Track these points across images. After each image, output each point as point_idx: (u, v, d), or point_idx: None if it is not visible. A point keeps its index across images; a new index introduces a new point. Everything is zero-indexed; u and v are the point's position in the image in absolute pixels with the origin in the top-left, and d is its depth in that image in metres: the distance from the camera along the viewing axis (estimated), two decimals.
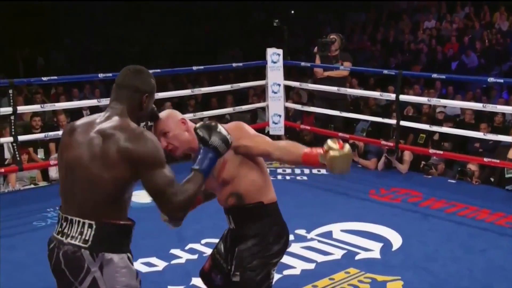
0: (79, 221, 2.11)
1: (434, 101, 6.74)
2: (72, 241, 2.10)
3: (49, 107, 6.60)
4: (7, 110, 5.67)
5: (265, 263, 2.64)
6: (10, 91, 5.58)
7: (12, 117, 5.58)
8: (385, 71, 6.85)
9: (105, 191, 2.12)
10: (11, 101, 5.59)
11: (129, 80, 2.28)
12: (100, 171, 2.10)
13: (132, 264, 2.21)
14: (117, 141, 2.13)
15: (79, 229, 2.11)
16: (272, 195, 2.82)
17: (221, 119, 8.75)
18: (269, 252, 2.67)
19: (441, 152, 6.22)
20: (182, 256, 4.21)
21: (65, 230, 2.13)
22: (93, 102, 7.29)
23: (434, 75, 6.74)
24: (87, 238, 2.10)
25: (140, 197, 5.72)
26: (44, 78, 6.07)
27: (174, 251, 4.28)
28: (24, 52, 14.38)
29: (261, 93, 9.73)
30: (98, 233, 2.10)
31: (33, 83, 8.84)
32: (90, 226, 2.10)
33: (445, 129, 6.48)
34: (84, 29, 15.61)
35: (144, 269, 3.99)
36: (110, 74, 6.55)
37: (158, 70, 6.74)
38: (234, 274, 2.63)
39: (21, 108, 6.20)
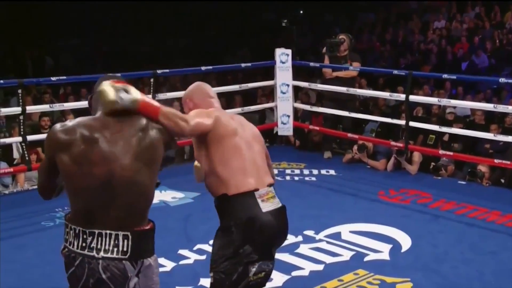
0: (110, 234, 2.10)
1: (444, 101, 6.70)
2: (109, 255, 2.10)
3: (58, 107, 6.61)
4: (16, 110, 5.68)
5: (236, 263, 2.47)
6: (19, 91, 5.59)
7: (21, 117, 5.59)
8: (395, 71, 6.81)
9: (149, 199, 2.21)
10: (20, 101, 5.60)
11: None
12: (147, 179, 2.17)
13: None
14: (156, 139, 2.21)
15: (112, 242, 2.10)
16: (242, 185, 2.53)
17: None
18: (238, 251, 2.47)
19: (451, 153, 6.17)
20: (191, 257, 4.20)
21: (93, 245, 2.09)
22: None
23: (445, 76, 6.69)
24: (125, 249, 2.11)
25: None
26: (53, 78, 6.08)
27: (182, 252, 4.27)
28: (33, 52, 14.43)
29: (269, 94, 9.70)
30: (135, 243, 2.12)
31: (42, 83, 8.86)
32: (125, 237, 2.11)
33: (455, 130, 6.44)
34: (93, 29, 15.64)
35: None
36: (119, 74, 6.52)
37: (167, 70, 6.75)
38: (210, 275, 2.57)
39: (30, 108, 6.20)
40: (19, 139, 5.69)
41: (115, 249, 2.10)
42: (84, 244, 2.10)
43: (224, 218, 2.56)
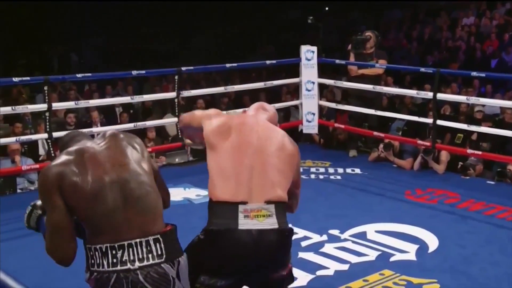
0: (141, 242, 2.06)
1: (473, 100, 6.58)
2: (145, 263, 2.04)
3: (83, 103, 6.65)
4: (42, 106, 5.73)
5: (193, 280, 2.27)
6: (45, 88, 5.63)
7: (47, 114, 5.63)
8: (422, 69, 6.71)
9: (160, 202, 2.22)
10: (46, 98, 5.64)
11: None
12: (150, 181, 2.19)
13: None
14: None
15: (145, 250, 2.06)
16: (226, 192, 2.32)
17: None
18: (194, 264, 2.27)
19: (480, 152, 6.05)
20: None
21: (125, 258, 2.03)
22: (126, 99, 7.32)
23: (473, 73, 6.56)
24: (159, 252, 2.08)
25: (171, 195, 5.74)
26: (79, 75, 6.11)
27: None
28: (58, 50, 14.59)
29: (294, 91, 9.66)
30: (167, 244, 2.10)
31: (67, 80, 8.94)
32: (156, 240, 2.08)
33: (483, 129, 6.31)
34: (118, 27, 15.76)
35: None
36: (144, 72, 6.56)
37: (191, 68, 6.74)
38: None
39: (56, 105, 6.25)
40: (45, 135, 5.74)
41: (150, 255, 2.06)
42: (115, 260, 2.02)
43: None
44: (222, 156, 2.36)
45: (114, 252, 2.03)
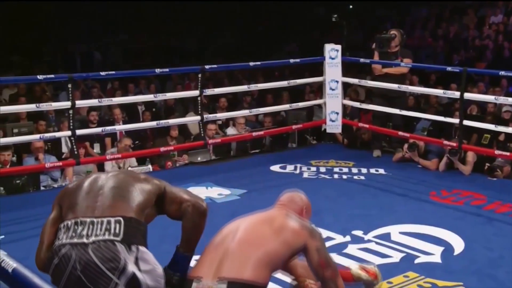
0: (102, 221, 2.13)
1: (502, 99, 6.46)
2: (100, 238, 2.09)
3: (106, 101, 6.67)
4: (66, 104, 5.76)
5: None
6: (69, 86, 5.65)
7: (70, 112, 5.66)
8: (449, 68, 6.60)
9: (141, 193, 2.35)
10: (70, 95, 5.66)
11: None
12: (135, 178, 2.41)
13: None
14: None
15: (104, 227, 2.11)
16: (194, 270, 2.47)
17: (276, 116, 8.69)
18: None
19: (507, 153, 5.92)
20: None
21: (83, 233, 2.10)
22: (149, 97, 7.32)
23: (501, 73, 6.43)
24: (117, 232, 2.11)
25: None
26: (102, 73, 6.13)
27: None
28: (82, 48, 14.72)
29: (317, 90, 9.60)
30: (128, 227, 2.14)
31: (90, 78, 9.00)
32: (117, 221, 2.14)
33: (511, 129, 6.19)
34: (141, 25, 15.84)
35: None
36: (167, 70, 6.56)
37: (215, 66, 6.72)
38: None
39: (80, 103, 6.29)
40: (68, 133, 5.77)
41: (107, 232, 2.10)
42: (73, 234, 2.10)
43: None
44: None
45: (76, 227, 2.12)
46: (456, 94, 6.31)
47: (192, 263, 2.49)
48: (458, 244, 4.33)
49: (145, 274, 2.13)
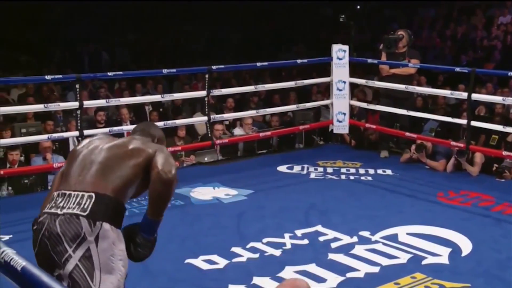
0: (78, 194, 2.25)
1: (510, 100, 6.42)
2: (69, 211, 2.21)
3: (114, 101, 6.69)
4: (74, 104, 5.78)
5: None
6: (77, 86, 5.67)
7: (78, 112, 5.68)
8: (457, 69, 6.57)
9: (121, 173, 2.36)
10: (78, 95, 5.68)
11: (143, 127, 2.76)
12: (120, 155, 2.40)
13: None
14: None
15: (76, 201, 2.23)
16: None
17: (283, 116, 8.69)
18: None
19: None
20: (243, 255, 4.15)
21: (60, 204, 2.24)
22: (156, 97, 7.33)
23: (510, 73, 6.39)
24: (85, 207, 2.21)
25: (200, 194, 5.75)
26: (110, 73, 6.15)
27: (235, 249, 4.22)
28: (89, 48, 14.75)
29: (324, 91, 9.59)
30: (97, 203, 2.22)
31: (99, 78, 9.01)
32: (89, 197, 2.24)
33: None
34: (149, 25, 15.86)
35: (205, 266, 3.95)
36: (174, 70, 6.57)
37: (222, 66, 6.72)
38: None
39: (87, 103, 6.30)
40: (76, 133, 5.79)
41: (77, 206, 2.22)
42: (53, 205, 2.26)
43: None
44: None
45: (57, 198, 2.28)
46: (464, 95, 6.29)
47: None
48: (465, 245, 4.31)
49: (100, 251, 2.19)
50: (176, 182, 2.36)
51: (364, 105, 7.62)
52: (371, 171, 6.34)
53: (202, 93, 6.65)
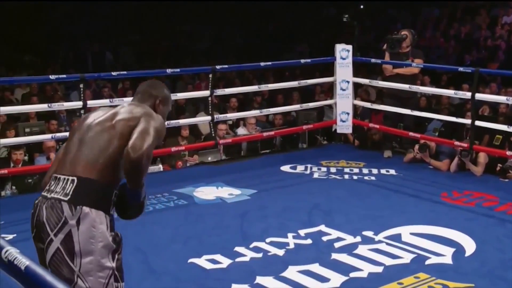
0: (64, 178, 2.32)
1: None
2: (55, 196, 2.29)
3: (117, 101, 6.67)
4: (78, 104, 5.79)
5: None
6: (81, 85, 5.68)
7: (82, 111, 5.69)
8: (461, 69, 6.56)
9: (105, 154, 2.36)
10: (82, 95, 5.69)
11: (145, 87, 2.69)
12: (105, 136, 2.38)
13: (112, 227, 2.35)
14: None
15: (62, 185, 2.30)
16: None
17: (287, 116, 8.69)
18: None
19: None
20: (247, 254, 4.14)
21: (51, 188, 2.33)
22: None
23: None
24: (68, 192, 2.28)
25: (204, 193, 5.75)
26: (114, 73, 6.16)
27: (238, 249, 4.22)
28: (93, 48, 14.78)
29: (328, 90, 9.59)
30: (79, 187, 2.29)
31: (103, 78, 9.02)
32: (72, 181, 2.30)
33: None
34: (152, 26, 15.88)
35: (208, 265, 3.96)
36: (178, 70, 6.58)
37: (225, 66, 6.72)
38: None
39: (91, 102, 6.29)
40: None
41: (62, 191, 2.29)
42: (48, 188, 2.35)
43: None
44: None
45: (52, 182, 2.36)
46: (468, 95, 6.27)
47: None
48: (469, 246, 4.30)
49: (81, 234, 2.25)
50: (147, 158, 2.27)
51: (367, 105, 7.62)
52: (375, 171, 6.33)
53: (206, 92, 6.65)
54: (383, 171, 6.34)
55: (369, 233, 4.51)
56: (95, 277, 2.27)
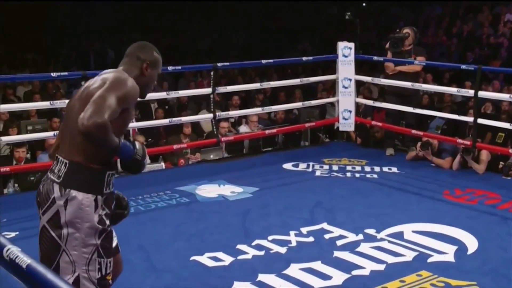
0: (61, 160, 2.41)
1: None
2: (51, 176, 2.41)
3: None
4: None
5: None
6: (83, 83, 5.67)
7: None
8: (463, 66, 6.54)
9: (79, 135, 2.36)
10: None
11: (132, 50, 2.65)
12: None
13: (102, 207, 2.41)
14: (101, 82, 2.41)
15: (59, 167, 2.40)
16: None
17: (289, 114, 8.68)
18: None
19: None
20: (249, 252, 4.14)
21: (53, 167, 2.44)
22: (161, 94, 7.33)
23: None
24: (60, 174, 2.39)
25: (206, 191, 5.75)
26: None
27: (240, 247, 4.22)
28: (95, 46, 14.78)
29: (330, 88, 9.58)
30: (70, 170, 2.37)
31: None
32: (65, 164, 2.38)
33: None
34: (154, 24, 15.87)
35: (210, 263, 3.96)
36: (180, 67, 6.56)
37: (227, 64, 6.71)
38: None
39: None
40: None
41: (57, 173, 2.40)
42: (51, 168, 2.46)
43: None
44: None
45: (55, 160, 2.45)
46: (470, 93, 6.26)
47: None
48: (471, 244, 4.29)
49: (68, 214, 2.35)
50: (98, 127, 2.22)
51: (369, 102, 7.61)
52: (377, 168, 6.33)
53: (208, 90, 6.65)
54: (385, 169, 6.33)
55: (371, 231, 4.51)
56: (79, 252, 2.36)
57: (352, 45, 7.13)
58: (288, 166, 6.48)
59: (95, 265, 2.38)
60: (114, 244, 2.54)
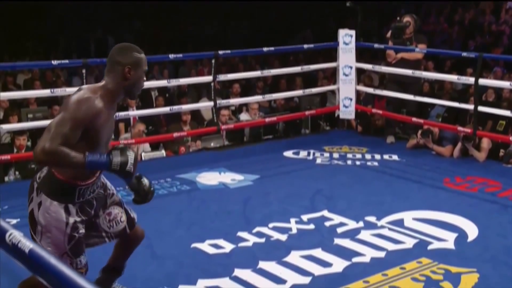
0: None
1: None
2: (37, 175, 2.67)
3: None
4: None
5: None
6: (83, 71, 5.67)
7: None
8: (464, 54, 6.52)
9: None
10: (84, 80, 5.68)
11: (111, 56, 2.67)
12: None
13: (68, 213, 2.62)
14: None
15: (42, 170, 2.65)
16: None
17: (290, 101, 8.68)
18: None
19: None
20: (250, 239, 4.16)
21: (43, 168, 2.66)
22: (162, 82, 7.34)
23: None
24: (40, 176, 2.64)
25: (207, 179, 5.75)
26: None
27: (241, 234, 4.24)
28: (96, 34, 14.73)
29: (330, 76, 9.56)
30: (44, 177, 2.63)
31: (104, 63, 9.00)
32: (46, 169, 2.63)
33: None
34: (155, 12, 15.79)
35: (211, 250, 3.97)
36: (181, 55, 6.54)
37: (228, 51, 6.69)
38: None
39: None
40: None
41: (40, 175, 2.66)
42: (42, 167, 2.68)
43: None
44: None
45: None
46: (471, 80, 6.25)
47: None
48: (472, 231, 4.30)
49: (39, 215, 2.60)
50: (45, 154, 2.40)
51: (370, 90, 7.59)
52: (377, 156, 6.33)
53: (208, 78, 6.64)
54: (386, 156, 6.33)
55: (371, 219, 4.52)
56: (52, 249, 2.58)
57: (353, 32, 7.09)
58: (288, 154, 6.48)
59: (67, 262, 2.59)
60: (113, 229, 2.88)
